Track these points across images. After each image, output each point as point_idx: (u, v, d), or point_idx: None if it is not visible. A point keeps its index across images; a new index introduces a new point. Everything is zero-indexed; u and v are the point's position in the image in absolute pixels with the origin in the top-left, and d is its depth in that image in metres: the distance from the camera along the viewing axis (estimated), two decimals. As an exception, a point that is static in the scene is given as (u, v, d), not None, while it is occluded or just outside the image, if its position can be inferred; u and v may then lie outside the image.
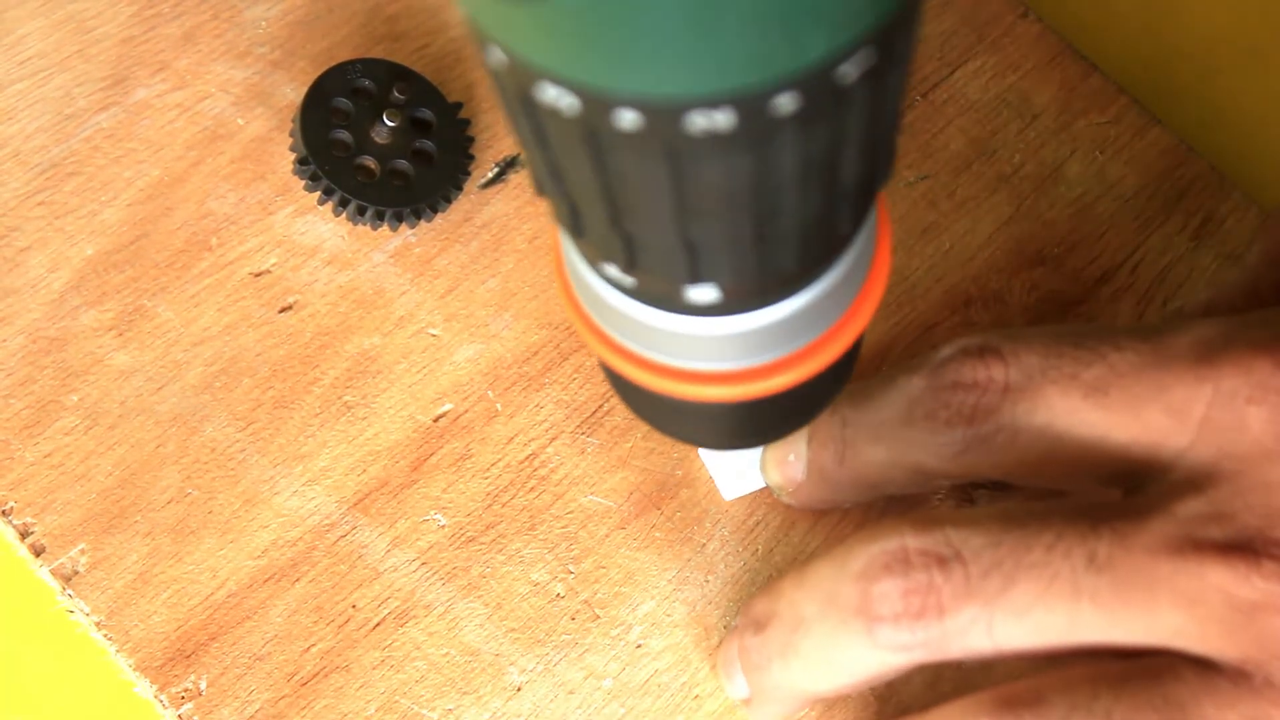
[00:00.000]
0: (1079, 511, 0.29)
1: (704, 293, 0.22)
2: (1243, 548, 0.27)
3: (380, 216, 0.39)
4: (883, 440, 0.33)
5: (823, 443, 0.35)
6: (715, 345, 0.24)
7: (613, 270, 0.22)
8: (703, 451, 0.38)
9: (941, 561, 0.29)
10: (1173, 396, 0.29)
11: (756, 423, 0.28)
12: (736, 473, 0.37)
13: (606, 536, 0.37)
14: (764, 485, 0.37)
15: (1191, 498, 0.28)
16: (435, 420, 0.38)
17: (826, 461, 0.35)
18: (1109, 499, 0.30)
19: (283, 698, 0.34)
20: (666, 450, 0.38)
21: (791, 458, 0.36)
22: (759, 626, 0.32)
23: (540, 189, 0.21)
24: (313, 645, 0.35)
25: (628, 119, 0.17)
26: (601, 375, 0.39)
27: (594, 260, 0.23)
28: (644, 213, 0.19)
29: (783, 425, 0.29)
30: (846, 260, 0.24)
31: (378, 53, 0.43)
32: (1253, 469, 0.28)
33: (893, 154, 0.21)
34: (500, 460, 0.37)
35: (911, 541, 0.29)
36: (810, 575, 0.31)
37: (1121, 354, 0.30)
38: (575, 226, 0.21)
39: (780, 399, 0.27)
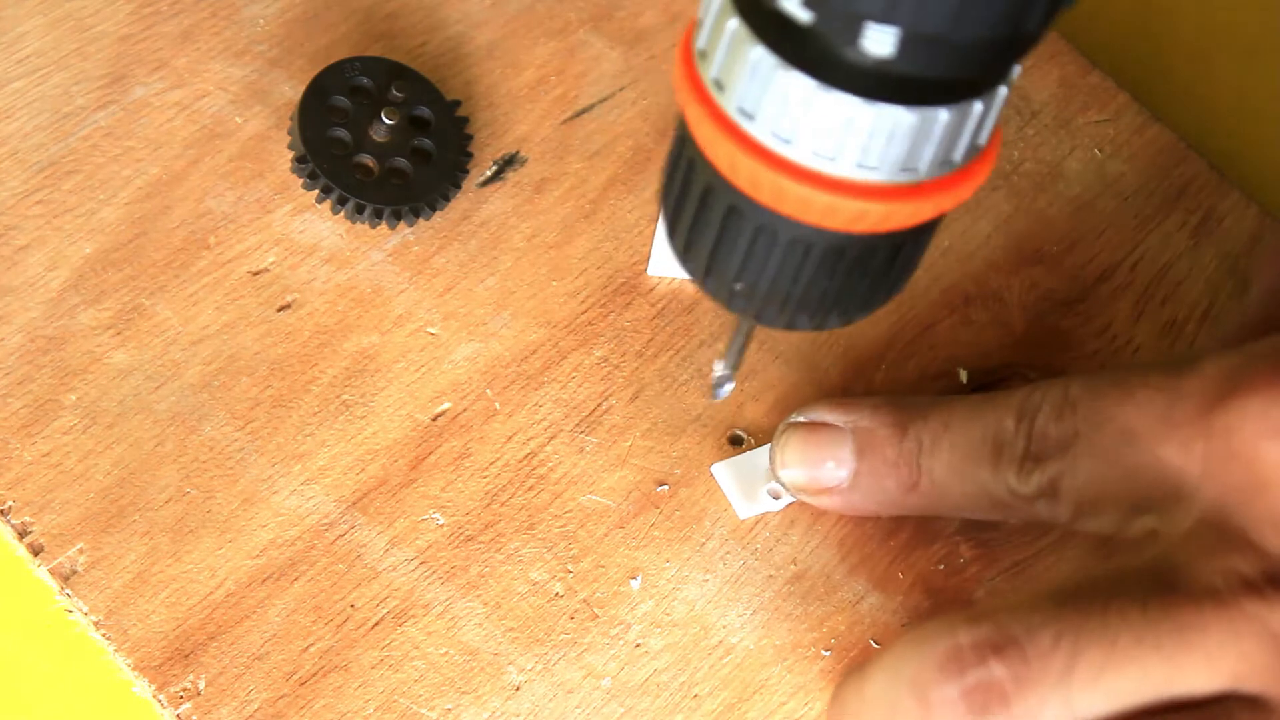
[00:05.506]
0: (1121, 576, 0.29)
1: (882, 39, 0.22)
2: (1275, 580, 0.27)
3: (378, 215, 0.39)
4: (965, 478, 0.33)
5: (891, 464, 0.35)
6: (855, 134, 0.24)
7: (791, 3, 0.23)
8: (717, 472, 0.38)
9: (998, 650, 0.28)
10: (1182, 434, 0.29)
11: (831, 277, 0.28)
12: (751, 493, 0.38)
13: (605, 536, 0.37)
14: (778, 508, 0.38)
15: (1215, 538, 0.28)
16: (434, 419, 0.38)
17: (892, 485, 0.35)
18: (1135, 537, 0.31)
19: (281, 697, 0.34)
20: (665, 449, 0.38)
21: (832, 465, 0.36)
22: None
23: None
24: (311, 645, 0.35)
25: None
26: (600, 374, 0.39)
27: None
28: None
29: (846, 295, 0.29)
30: (984, 107, 0.25)
31: (376, 50, 0.43)
32: (1263, 500, 0.28)
33: None
34: (499, 459, 0.37)
35: (964, 637, 0.29)
36: (869, 689, 0.31)
37: (1146, 388, 0.30)
38: None
39: (866, 250, 0.27)
